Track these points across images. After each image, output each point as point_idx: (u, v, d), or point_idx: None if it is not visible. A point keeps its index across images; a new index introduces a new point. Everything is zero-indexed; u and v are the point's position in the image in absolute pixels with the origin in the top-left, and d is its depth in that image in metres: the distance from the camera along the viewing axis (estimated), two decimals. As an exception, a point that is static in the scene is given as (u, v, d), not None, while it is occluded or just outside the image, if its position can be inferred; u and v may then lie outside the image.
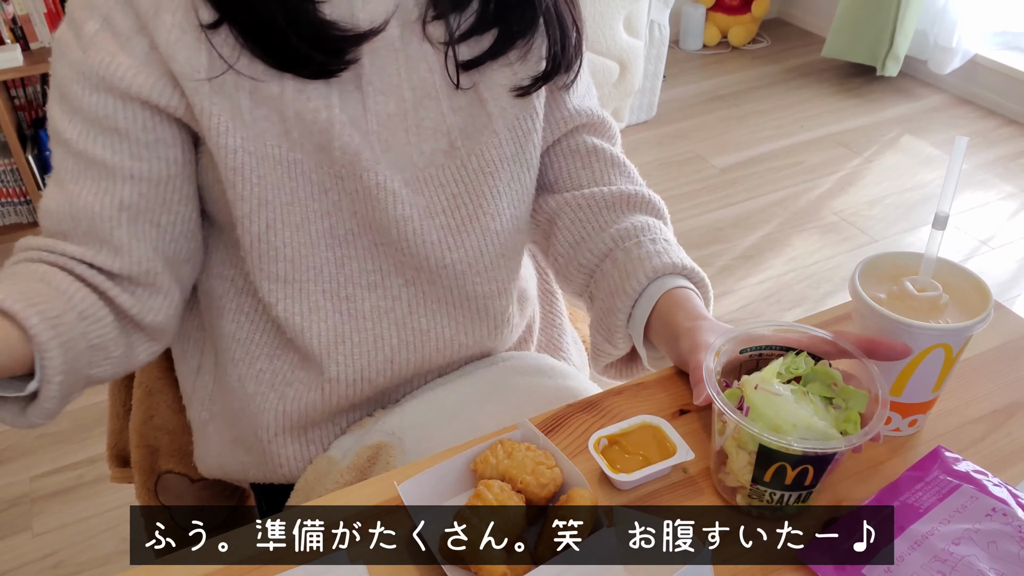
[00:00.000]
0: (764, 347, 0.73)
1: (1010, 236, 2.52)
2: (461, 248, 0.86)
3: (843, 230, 2.57)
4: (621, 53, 2.87)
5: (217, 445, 0.93)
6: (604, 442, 0.73)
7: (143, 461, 1.03)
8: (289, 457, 0.90)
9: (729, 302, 2.30)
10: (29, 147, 2.53)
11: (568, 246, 0.92)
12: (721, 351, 0.70)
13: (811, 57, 3.64)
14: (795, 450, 0.62)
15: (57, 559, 1.67)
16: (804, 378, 0.69)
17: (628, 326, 0.85)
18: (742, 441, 0.66)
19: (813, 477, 0.65)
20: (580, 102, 0.93)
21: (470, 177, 0.85)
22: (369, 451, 0.86)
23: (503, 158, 0.86)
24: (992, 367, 0.85)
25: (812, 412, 0.64)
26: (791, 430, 0.63)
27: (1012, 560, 0.64)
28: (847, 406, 0.67)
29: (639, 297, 0.84)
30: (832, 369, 0.69)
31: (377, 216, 0.82)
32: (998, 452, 0.76)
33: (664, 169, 2.91)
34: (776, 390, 0.65)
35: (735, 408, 0.65)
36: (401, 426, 0.87)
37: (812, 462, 0.63)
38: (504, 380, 0.91)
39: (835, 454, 0.64)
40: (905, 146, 3.00)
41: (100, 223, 0.76)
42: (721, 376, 0.70)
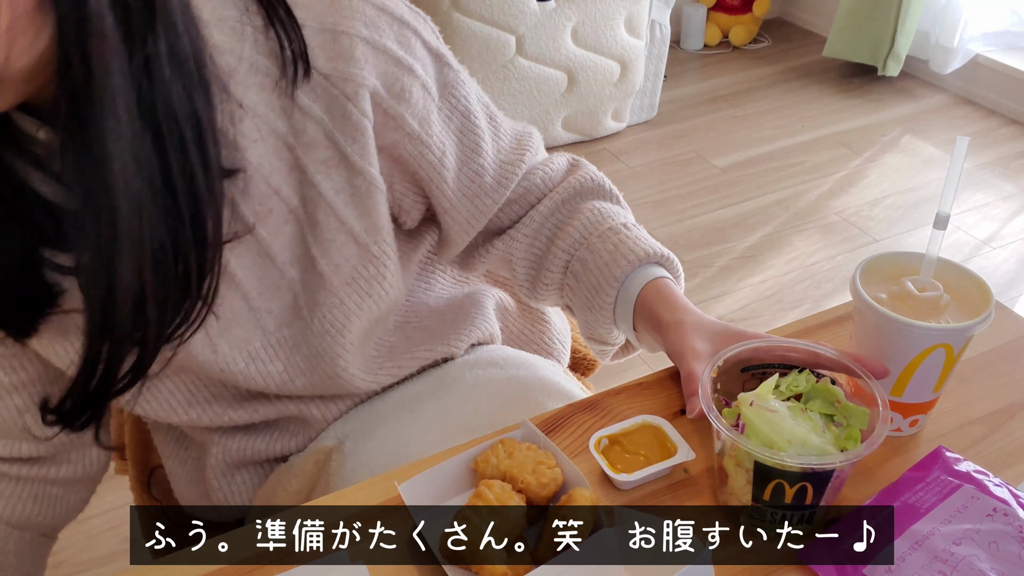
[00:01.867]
0: (767, 365, 0.72)
1: (1011, 236, 2.52)
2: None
3: (844, 230, 2.57)
4: (622, 53, 2.87)
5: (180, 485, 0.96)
6: (605, 442, 0.73)
7: (136, 455, 1.04)
8: (234, 492, 0.91)
9: (730, 302, 2.30)
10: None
11: (527, 275, 0.90)
12: (719, 369, 0.69)
13: (812, 57, 3.64)
14: (791, 466, 0.61)
15: (58, 559, 1.67)
16: (805, 395, 0.68)
17: (616, 327, 0.85)
18: (740, 459, 0.65)
19: (813, 496, 0.64)
20: (496, 169, 0.85)
21: (317, 338, 0.80)
22: (317, 456, 0.86)
23: (347, 314, 0.80)
24: (993, 367, 0.85)
25: (809, 429, 0.63)
26: (787, 446, 0.62)
27: (1013, 560, 0.64)
28: (848, 423, 0.66)
29: (615, 304, 0.84)
30: (834, 387, 0.68)
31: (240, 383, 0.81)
32: (999, 452, 0.76)
33: (665, 169, 2.91)
34: (772, 407, 0.64)
35: (730, 427, 0.64)
36: (345, 431, 0.87)
37: (810, 479, 0.62)
38: (451, 374, 0.90)
39: (833, 471, 0.62)
40: (906, 146, 3.00)
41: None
42: (721, 395, 0.69)
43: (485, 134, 0.83)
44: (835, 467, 0.62)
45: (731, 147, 3.02)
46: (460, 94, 0.80)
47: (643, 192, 2.78)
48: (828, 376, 0.69)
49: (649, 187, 2.81)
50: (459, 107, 0.80)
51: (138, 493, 1.05)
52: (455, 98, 0.80)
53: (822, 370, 0.70)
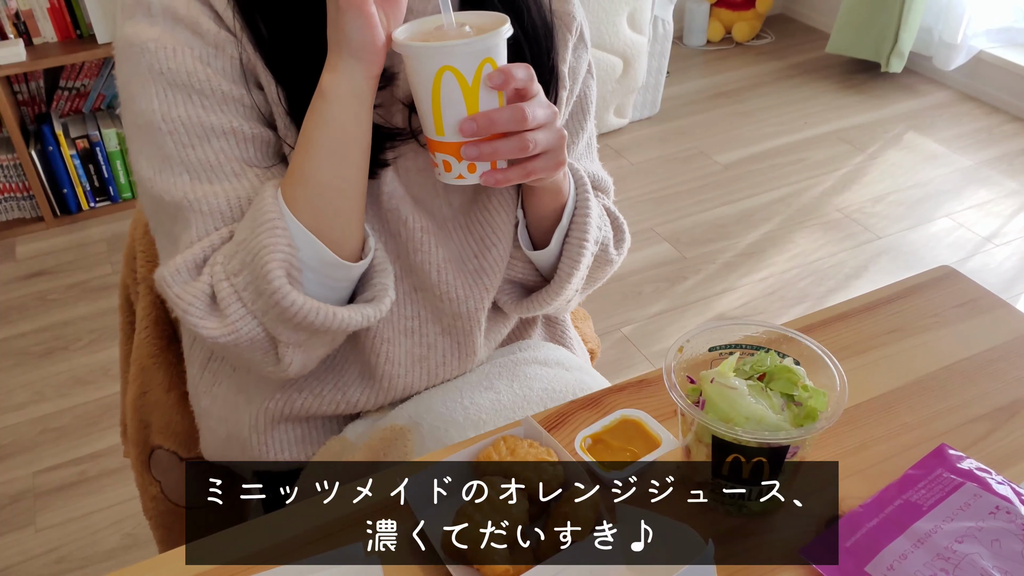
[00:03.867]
0: (732, 345, 0.73)
1: (1014, 233, 2.52)
2: (474, 297, 0.88)
3: (846, 227, 2.56)
4: (624, 49, 2.87)
5: (216, 432, 0.94)
6: (588, 441, 0.74)
7: (137, 435, 1.05)
8: (290, 442, 0.91)
9: (731, 298, 2.29)
10: (32, 142, 2.53)
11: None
12: (685, 347, 0.70)
13: (815, 53, 3.63)
14: (746, 441, 0.63)
15: (60, 554, 1.67)
16: (768, 375, 0.69)
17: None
18: (700, 434, 0.67)
19: (770, 472, 0.65)
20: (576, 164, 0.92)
21: (483, 229, 0.87)
22: (384, 433, 0.87)
23: (509, 210, 0.87)
24: (995, 365, 0.85)
25: (768, 407, 0.65)
26: (743, 422, 0.64)
27: (1015, 558, 0.64)
28: (808, 404, 0.67)
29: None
30: (796, 367, 0.69)
31: (418, 260, 0.84)
32: (1001, 450, 0.75)
33: (667, 165, 2.91)
34: (732, 384, 0.66)
35: (690, 403, 0.66)
36: (418, 411, 0.88)
37: (766, 455, 0.64)
38: (522, 370, 0.93)
39: (788, 447, 0.64)
40: (909, 143, 2.99)
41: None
42: (686, 373, 0.71)
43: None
44: (789, 442, 0.63)
45: (734, 143, 3.01)
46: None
47: (645, 188, 2.78)
48: (792, 358, 0.71)
49: (651, 183, 2.81)
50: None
51: (139, 471, 1.07)
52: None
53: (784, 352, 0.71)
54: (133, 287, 1.05)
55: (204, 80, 0.74)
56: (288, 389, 0.88)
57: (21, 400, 2.03)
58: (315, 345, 0.79)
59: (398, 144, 0.80)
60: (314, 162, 0.72)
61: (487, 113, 0.68)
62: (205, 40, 0.74)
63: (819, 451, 0.76)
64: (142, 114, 0.75)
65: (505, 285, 0.92)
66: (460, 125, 0.68)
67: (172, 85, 0.74)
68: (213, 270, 0.74)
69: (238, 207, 0.76)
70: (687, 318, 2.23)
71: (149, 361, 1.03)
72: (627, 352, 2.12)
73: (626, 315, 2.24)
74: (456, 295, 0.87)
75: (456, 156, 0.70)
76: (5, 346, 2.20)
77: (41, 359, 2.15)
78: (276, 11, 0.74)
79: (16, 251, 2.54)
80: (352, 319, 0.76)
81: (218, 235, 0.76)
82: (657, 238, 2.54)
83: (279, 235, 0.71)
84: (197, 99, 0.74)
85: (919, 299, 0.94)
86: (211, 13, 0.74)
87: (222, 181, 0.76)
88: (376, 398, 0.90)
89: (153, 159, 0.76)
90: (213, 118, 0.75)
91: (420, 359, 0.89)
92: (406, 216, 0.83)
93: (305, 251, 0.73)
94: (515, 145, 0.69)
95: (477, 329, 0.90)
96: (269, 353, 0.78)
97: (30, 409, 2.00)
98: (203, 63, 0.74)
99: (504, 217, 0.87)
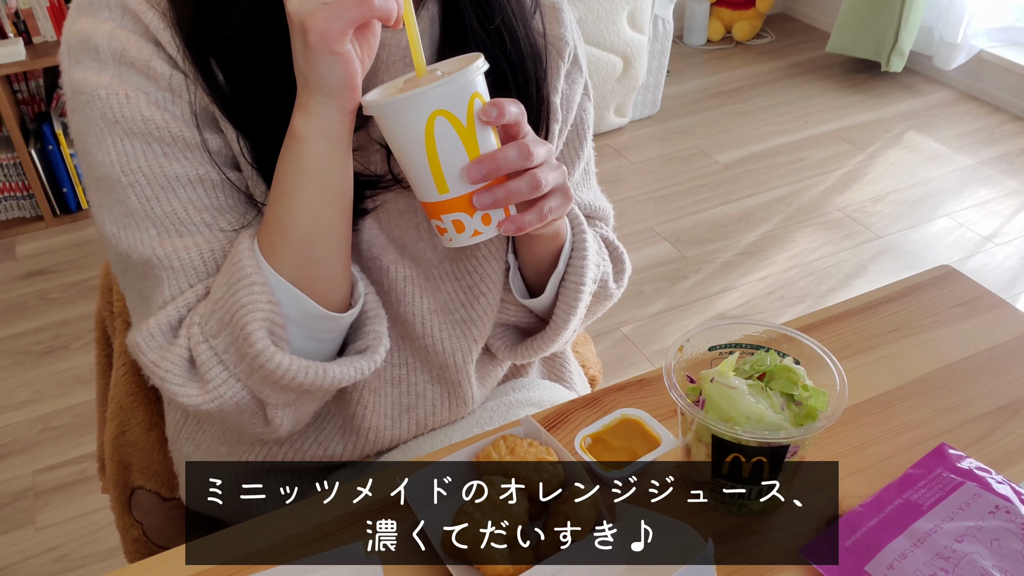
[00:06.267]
0: (732, 344, 0.73)
1: (1014, 232, 2.52)
2: (462, 349, 0.85)
3: (847, 226, 2.56)
4: (625, 48, 2.87)
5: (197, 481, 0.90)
6: (588, 441, 0.74)
7: (116, 475, 1.00)
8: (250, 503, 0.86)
9: (731, 298, 2.29)
10: (32, 141, 2.53)
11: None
12: (685, 347, 0.70)
13: (815, 53, 3.63)
14: (746, 440, 0.63)
15: (61, 553, 1.67)
16: (768, 374, 0.69)
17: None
18: (700, 434, 0.67)
19: (770, 471, 0.65)
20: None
21: (472, 277, 0.83)
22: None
23: (499, 256, 0.83)
24: (995, 364, 0.85)
25: (768, 406, 0.65)
26: (743, 422, 0.64)
27: (1015, 558, 0.64)
28: (808, 403, 0.67)
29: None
30: (797, 367, 0.69)
31: (402, 311, 0.81)
32: (1001, 449, 0.75)
33: (667, 165, 2.91)
34: (732, 383, 0.66)
35: (690, 402, 0.66)
36: (406, 459, 0.86)
37: (766, 454, 0.64)
38: (515, 413, 0.90)
39: (787, 446, 0.64)
40: (909, 142, 2.99)
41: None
42: (686, 373, 0.71)
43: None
44: (789, 441, 0.63)
45: (734, 143, 3.01)
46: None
47: (645, 188, 2.78)
48: (792, 357, 0.71)
49: (651, 183, 2.81)
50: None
51: (119, 514, 1.01)
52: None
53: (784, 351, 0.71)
54: (110, 320, 0.98)
55: (163, 127, 0.68)
56: (268, 443, 0.85)
57: (21, 399, 2.03)
58: (306, 402, 0.74)
59: (379, 191, 0.75)
60: (292, 210, 0.66)
61: (492, 153, 0.63)
62: (159, 84, 0.67)
63: (819, 451, 0.76)
64: (99, 166, 0.69)
65: (497, 329, 0.88)
66: (466, 172, 0.62)
67: (129, 134, 0.67)
68: (190, 332, 0.69)
69: (212, 261, 0.71)
70: (687, 317, 2.23)
71: (128, 400, 0.97)
72: (627, 351, 2.12)
73: (626, 314, 2.24)
74: (443, 347, 0.83)
75: (467, 210, 0.64)
76: (5, 345, 2.20)
77: (41, 358, 2.15)
78: (233, 53, 0.67)
79: (16, 250, 2.54)
80: (344, 375, 0.71)
81: (193, 293, 0.71)
82: (657, 237, 2.54)
83: (258, 292, 0.66)
84: (158, 147, 0.68)
85: (919, 299, 0.94)
86: (164, 55, 0.67)
87: (193, 234, 0.70)
88: (362, 450, 0.86)
89: (116, 214, 0.70)
90: (176, 167, 0.69)
91: (408, 409, 0.85)
92: (388, 265, 0.79)
93: (288, 305, 0.68)
94: (528, 183, 0.64)
95: (466, 380, 0.86)
96: (257, 415, 0.73)
97: (30, 408, 2.01)
98: (160, 108, 0.67)
99: (494, 264, 0.83)
